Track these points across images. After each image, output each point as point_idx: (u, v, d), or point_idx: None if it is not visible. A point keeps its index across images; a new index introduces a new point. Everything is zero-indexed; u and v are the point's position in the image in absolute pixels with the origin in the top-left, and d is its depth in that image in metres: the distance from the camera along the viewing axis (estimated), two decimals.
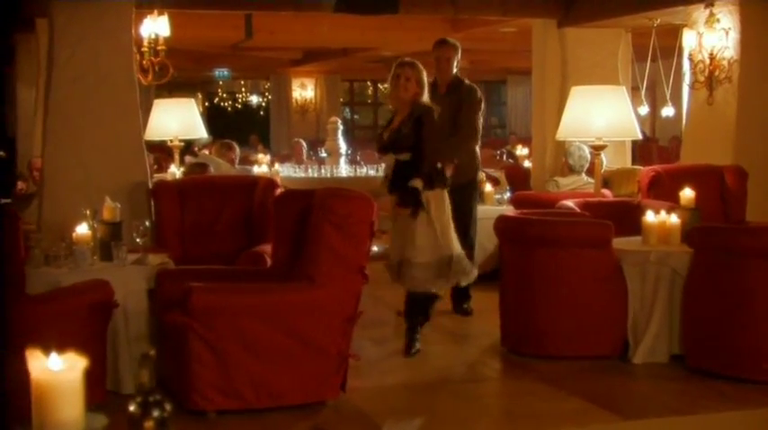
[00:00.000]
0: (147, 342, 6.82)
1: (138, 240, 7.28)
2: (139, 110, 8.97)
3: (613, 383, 7.22)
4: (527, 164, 15.89)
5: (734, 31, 10.10)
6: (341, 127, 14.10)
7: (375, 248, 7.26)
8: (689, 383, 7.13)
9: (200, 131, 12.02)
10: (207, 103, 30.31)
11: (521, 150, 19.60)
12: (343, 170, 13.46)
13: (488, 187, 11.77)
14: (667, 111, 14.46)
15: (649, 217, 7.88)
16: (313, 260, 6.39)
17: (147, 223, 7.57)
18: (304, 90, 26.34)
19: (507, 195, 11.58)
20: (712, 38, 10.28)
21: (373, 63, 22.77)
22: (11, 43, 15.24)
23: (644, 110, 13.65)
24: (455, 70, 9.35)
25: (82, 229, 7.09)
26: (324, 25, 14.76)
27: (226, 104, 31.66)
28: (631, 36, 12.80)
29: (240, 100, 32.06)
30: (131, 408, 2.45)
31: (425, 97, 7.86)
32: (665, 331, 7.57)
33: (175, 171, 11.78)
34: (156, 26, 10.26)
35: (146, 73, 10.19)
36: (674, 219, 7.84)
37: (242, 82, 31.75)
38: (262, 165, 16.02)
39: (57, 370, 2.27)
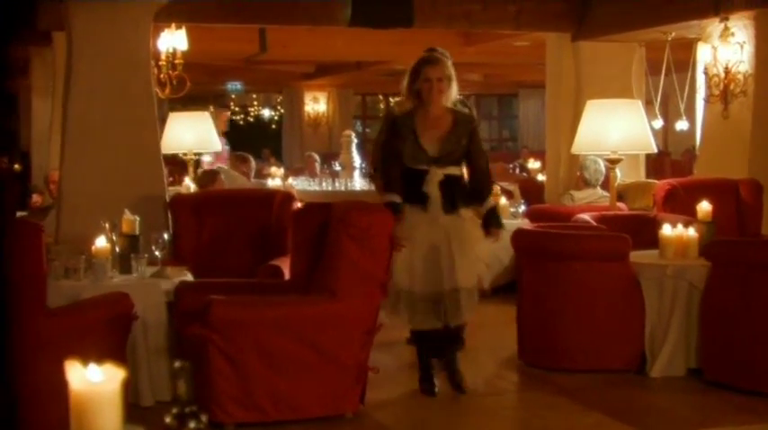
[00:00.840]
0: (166, 355, 6.85)
1: (156, 253, 7.31)
2: (157, 123, 9.00)
3: (631, 397, 7.22)
4: (540, 177, 15.91)
5: (749, 45, 10.12)
6: (355, 140, 14.14)
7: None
8: (707, 397, 7.13)
9: (214, 144, 12.06)
10: None
11: (533, 163, 19.61)
12: (357, 183, 13.50)
13: (503, 200, 11.78)
14: (681, 124, 14.46)
15: (666, 230, 7.88)
16: (333, 273, 6.41)
17: (166, 236, 7.60)
18: (316, 104, 26.38)
19: (522, 209, 11.59)
20: (727, 52, 10.30)
21: (386, 77, 22.80)
22: (27, 55, 15.32)
23: (658, 123, 13.66)
24: None
25: (101, 242, 7.11)
26: (338, 39, 14.82)
27: (238, 118, 31.71)
28: (645, 50, 12.81)
29: (252, 113, 32.12)
30: (167, 420, 2.46)
31: (454, 92, 7.15)
32: (683, 345, 7.57)
33: (190, 184, 11.82)
34: (173, 40, 10.32)
35: (163, 86, 10.24)
36: (691, 232, 7.84)
37: (254, 95, 31.82)
38: (275, 179, 16.06)
39: (96, 381, 2.28)
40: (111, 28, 8.59)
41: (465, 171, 7.23)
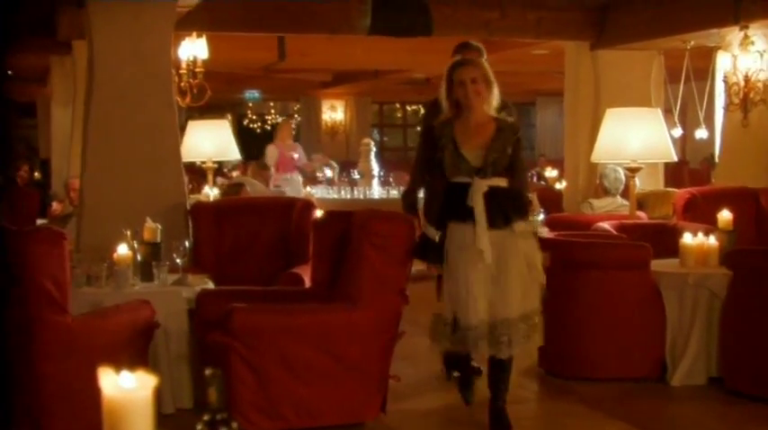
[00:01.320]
0: (187, 362, 6.88)
1: (178, 261, 7.33)
2: (178, 131, 9.02)
3: (652, 405, 7.21)
4: (558, 185, 15.91)
5: None
6: (374, 149, 14.16)
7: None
8: (728, 406, 7.12)
9: (233, 153, 12.07)
10: (237, 125, 30.42)
11: (550, 172, 19.60)
12: (376, 191, 13.53)
13: None
14: (700, 133, 14.44)
15: (687, 239, 7.88)
16: (354, 281, 6.42)
17: (187, 244, 7.62)
18: (334, 112, 26.42)
19: (541, 217, 11.56)
20: (747, 60, 10.29)
21: (403, 85, 22.83)
22: (46, 64, 15.38)
23: (677, 132, 13.65)
24: None
25: (122, 250, 7.14)
26: (356, 47, 14.84)
27: (255, 126, 31.77)
28: (664, 58, 12.80)
29: (270, 121, 32.17)
30: (199, 426, 2.48)
31: (496, 95, 6.47)
32: (704, 353, 7.56)
33: (209, 192, 11.83)
34: (194, 48, 10.36)
35: (184, 95, 10.28)
36: (712, 241, 7.84)
37: (271, 104, 31.87)
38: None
39: (129, 388, 2.29)
40: (132, 36, 8.61)
41: None
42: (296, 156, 15.24)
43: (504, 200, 6.32)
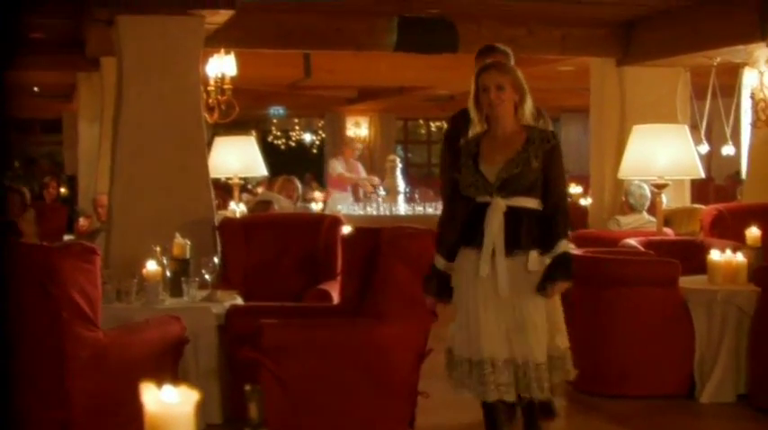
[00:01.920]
0: (216, 378, 6.90)
1: (206, 277, 7.36)
2: (206, 147, 9.06)
3: (681, 423, 7.20)
4: (582, 202, 15.88)
5: None
6: (399, 165, 14.17)
7: None
8: (757, 423, 7.11)
9: (260, 169, 12.08)
10: (261, 141, 30.49)
11: (574, 188, 19.55)
12: (402, 208, 13.54)
13: None
14: (727, 149, 14.37)
15: (715, 255, 7.86)
16: (383, 297, 6.42)
17: (216, 260, 7.65)
18: (358, 128, 26.41)
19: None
20: None
21: (427, 101, 22.83)
22: (73, 80, 15.47)
23: (704, 148, 13.60)
24: None
25: (152, 266, 7.18)
26: (382, 64, 14.86)
27: (279, 142, 31.82)
28: (690, 74, 12.78)
29: (294, 138, 32.23)
30: None
31: (529, 105, 5.80)
32: (732, 370, 7.54)
33: (235, 208, 11.85)
34: (222, 65, 10.40)
35: (212, 111, 10.32)
36: (740, 257, 7.82)
37: (296, 120, 31.92)
38: (319, 203, 16.12)
39: (172, 403, 2.31)
40: (161, 53, 8.66)
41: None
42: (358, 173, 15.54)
43: (523, 223, 5.64)
